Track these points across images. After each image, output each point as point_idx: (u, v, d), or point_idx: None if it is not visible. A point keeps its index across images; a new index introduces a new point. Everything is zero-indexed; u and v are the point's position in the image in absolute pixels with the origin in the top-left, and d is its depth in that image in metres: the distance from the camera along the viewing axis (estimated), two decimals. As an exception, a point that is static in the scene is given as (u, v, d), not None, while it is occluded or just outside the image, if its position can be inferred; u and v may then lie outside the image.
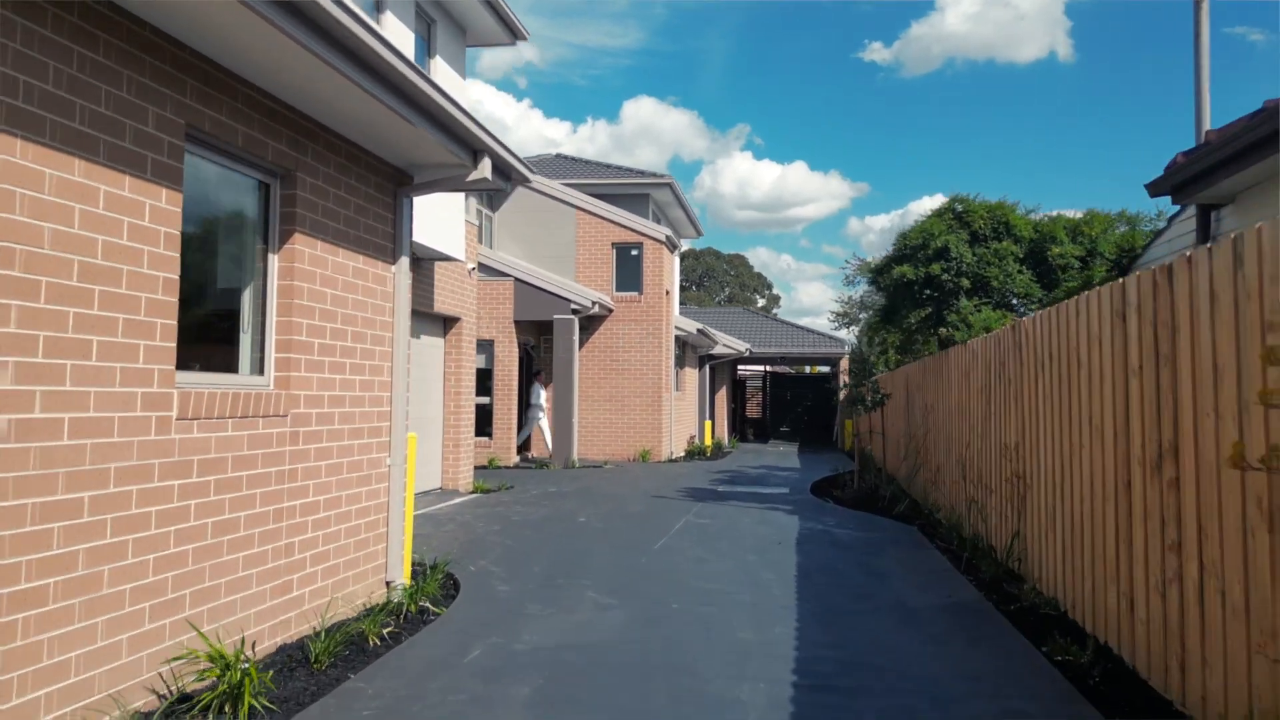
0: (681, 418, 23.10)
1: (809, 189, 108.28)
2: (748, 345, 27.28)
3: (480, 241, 19.73)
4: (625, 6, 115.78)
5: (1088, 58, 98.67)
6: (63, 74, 3.82)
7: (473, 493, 13.66)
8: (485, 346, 18.85)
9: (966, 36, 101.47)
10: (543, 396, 19.16)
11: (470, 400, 14.11)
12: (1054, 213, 11.45)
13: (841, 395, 29.17)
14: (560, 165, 23.29)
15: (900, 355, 17.62)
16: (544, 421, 19.12)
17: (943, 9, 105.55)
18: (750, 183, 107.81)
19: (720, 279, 78.67)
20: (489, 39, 12.77)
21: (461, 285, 13.84)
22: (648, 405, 19.84)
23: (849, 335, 34.65)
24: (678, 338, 22.38)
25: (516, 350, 18.84)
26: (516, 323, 18.82)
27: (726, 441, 28.45)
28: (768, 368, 37.56)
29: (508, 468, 18.00)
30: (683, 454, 22.76)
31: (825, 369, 43.14)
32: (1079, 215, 11.33)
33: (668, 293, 20.75)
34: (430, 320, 13.29)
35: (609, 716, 4.36)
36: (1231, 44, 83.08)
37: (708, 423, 24.44)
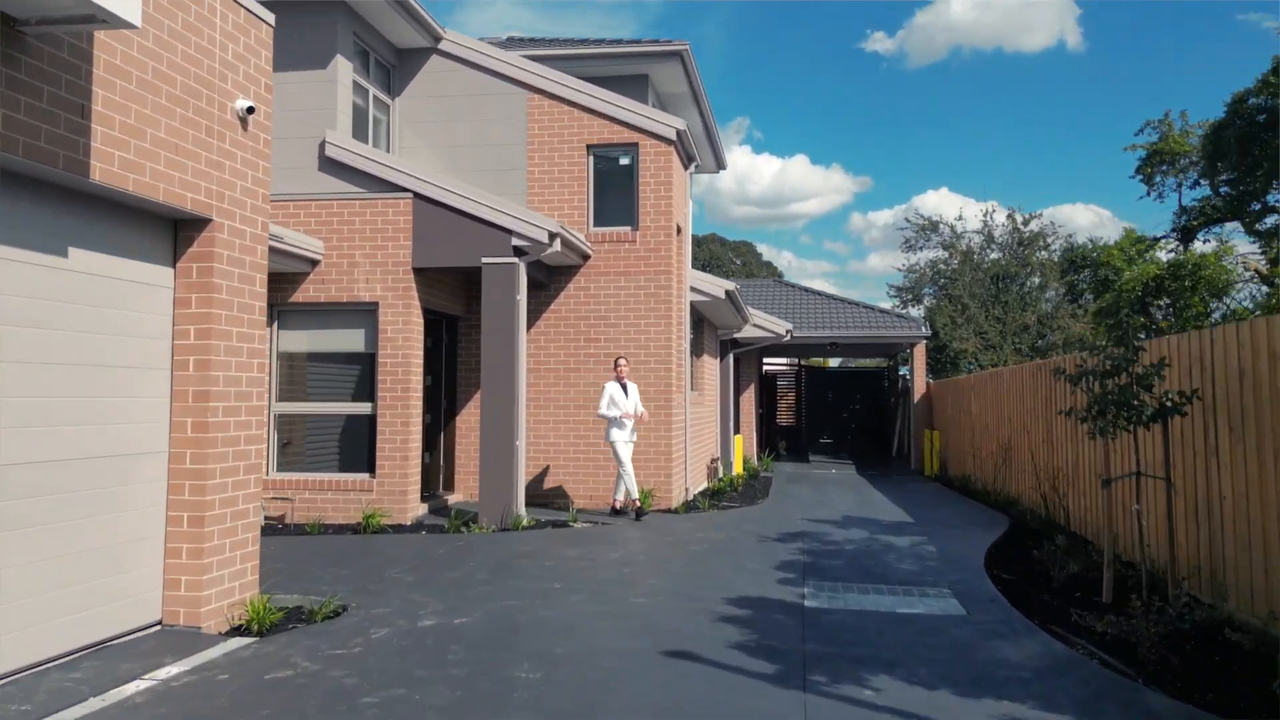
0: (700, 433, 15.10)
1: (810, 184, 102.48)
2: (789, 325, 19.36)
3: (369, 141, 11.74)
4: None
5: (1097, 45, 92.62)
6: None
7: (236, 633, 5.65)
8: (361, 314, 10.83)
9: (973, 25, 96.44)
10: (633, 401, 11.06)
11: (255, 407, 6.12)
12: None
13: (918, 395, 21.17)
14: (512, 48, 15.23)
15: (1137, 316, 9.63)
16: (620, 448, 10.97)
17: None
18: (750, 178, 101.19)
19: (726, 268, 71.10)
20: None
21: (218, 139, 5.84)
22: (649, 415, 11.84)
23: (918, 312, 26.62)
24: (693, 306, 14.38)
25: (419, 320, 10.82)
26: (419, 273, 10.80)
27: (757, 462, 20.50)
28: (801, 360, 29.58)
29: (400, 528, 9.99)
30: (702, 489, 14.75)
31: (868, 363, 35.15)
32: None
33: (679, 230, 12.76)
34: (90, 209, 5.27)
35: None
36: (1245, 29, 77.58)
37: (737, 438, 16.42)
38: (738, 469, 15.91)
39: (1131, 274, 9.36)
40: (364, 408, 10.71)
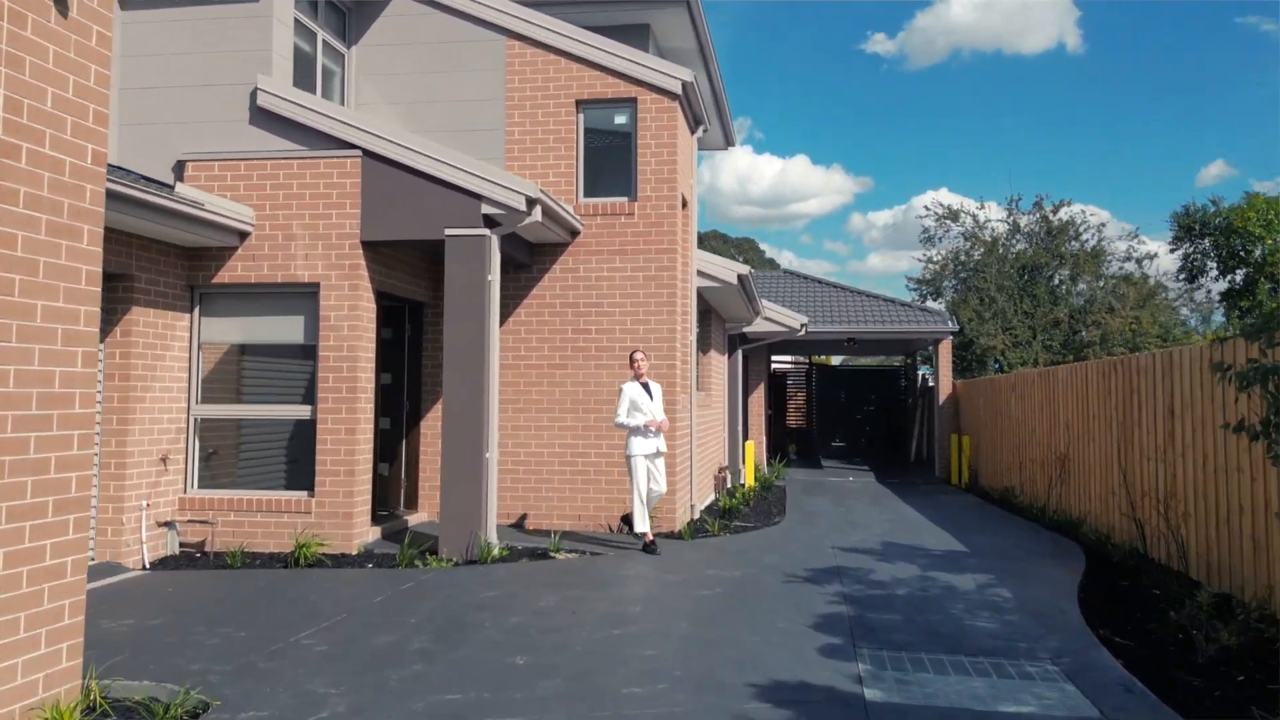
0: (706, 439, 13.21)
1: (810, 184, 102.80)
2: (804, 319, 17.48)
3: (319, 94, 9.84)
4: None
5: (1096, 48, 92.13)
6: None
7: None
8: (299, 297, 8.93)
9: (972, 27, 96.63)
10: (658, 404, 8.98)
11: (77, 417, 4.23)
12: None
13: (943, 395, 19.27)
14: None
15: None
16: (637, 465, 8.82)
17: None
18: (750, 178, 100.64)
19: (729, 264, 69.25)
20: None
21: (14, 21, 3.95)
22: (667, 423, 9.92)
23: (939, 306, 24.68)
24: (699, 295, 12.51)
25: (370, 305, 8.92)
26: (371, 249, 8.90)
27: (767, 468, 18.62)
28: (811, 358, 27.71)
29: (342, 560, 8.10)
30: (709, 503, 12.88)
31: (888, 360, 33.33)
32: None
33: (685, 203, 10.87)
34: None
35: None
36: (1244, 33, 76.62)
37: (748, 444, 14.52)
38: (749, 480, 14.03)
39: (1273, 242, 7.51)
40: (302, 411, 8.82)
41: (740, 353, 17.91)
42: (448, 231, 8.51)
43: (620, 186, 10.30)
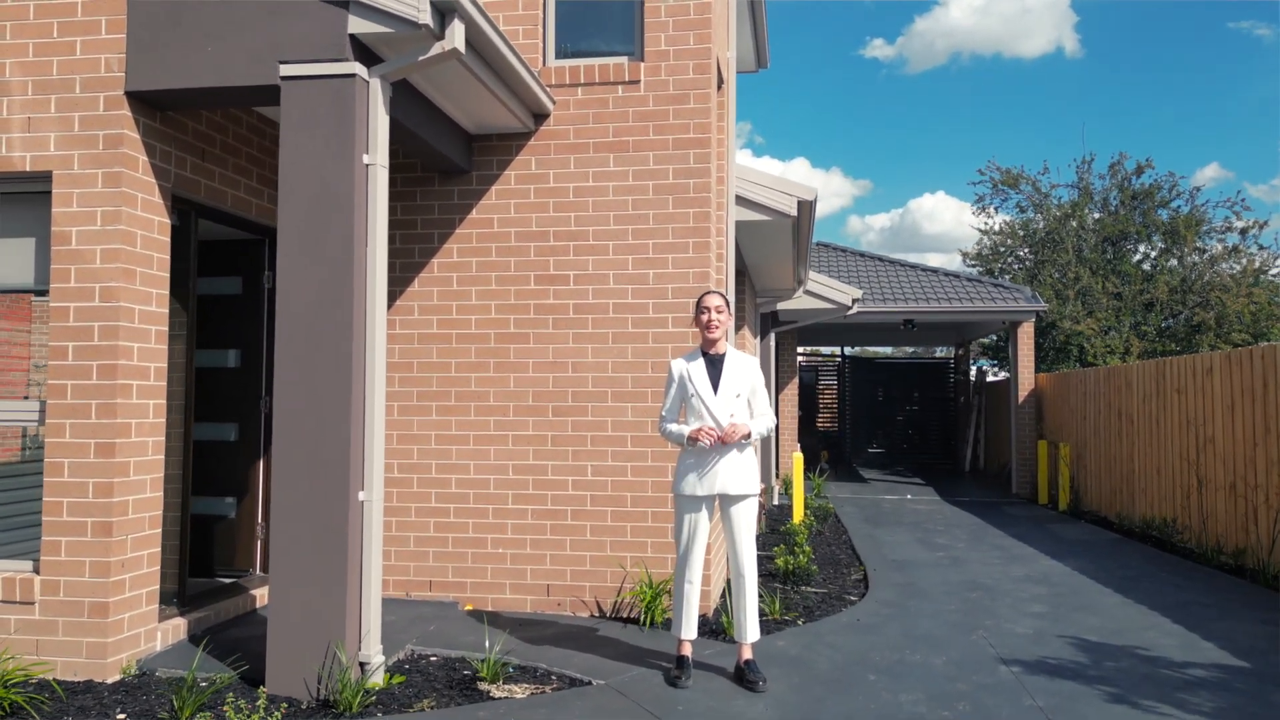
0: (743, 450, 9.15)
1: (810, 187, 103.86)
2: (856, 293, 13.42)
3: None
4: None
5: (1094, 52, 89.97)
6: None
7: None
8: (18, 201, 4.86)
9: (971, 31, 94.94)
10: (730, 392, 4.68)
11: None
12: None
13: (1023, 392, 15.25)
14: None
15: None
16: (681, 523, 4.72)
17: (946, 3, 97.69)
18: None
19: (735, 254, 65.97)
20: None
21: None
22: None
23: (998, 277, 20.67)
24: (735, 239, 8.48)
25: (157, 221, 4.84)
26: (146, 108, 4.81)
27: (804, 483, 14.63)
28: (844, 349, 23.76)
29: (72, 704, 4.08)
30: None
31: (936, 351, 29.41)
32: None
33: (722, 81, 6.84)
34: None
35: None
36: (1238, 37, 74.29)
37: (796, 458, 10.45)
38: (798, 511, 9.98)
39: None
40: (23, 411, 4.79)
41: (773, 337, 13.92)
42: (284, 70, 4.47)
43: (616, 39, 6.26)
